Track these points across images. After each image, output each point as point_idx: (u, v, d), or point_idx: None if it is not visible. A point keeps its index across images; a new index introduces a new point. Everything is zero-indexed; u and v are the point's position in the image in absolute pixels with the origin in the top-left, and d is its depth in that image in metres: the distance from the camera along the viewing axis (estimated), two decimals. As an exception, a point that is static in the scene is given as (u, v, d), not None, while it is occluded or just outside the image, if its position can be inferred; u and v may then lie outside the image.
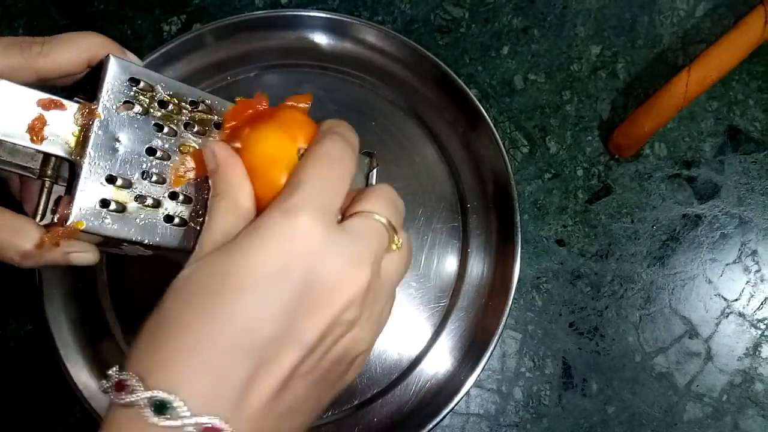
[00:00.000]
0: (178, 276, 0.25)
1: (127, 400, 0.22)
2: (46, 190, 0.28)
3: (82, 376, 0.44)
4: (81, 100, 0.29)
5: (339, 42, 0.51)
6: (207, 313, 0.23)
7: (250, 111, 0.32)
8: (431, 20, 0.54)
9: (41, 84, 0.28)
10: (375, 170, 0.42)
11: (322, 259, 0.24)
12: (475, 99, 0.48)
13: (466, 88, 0.48)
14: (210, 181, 0.29)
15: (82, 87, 0.30)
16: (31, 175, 0.28)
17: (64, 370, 0.43)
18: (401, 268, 0.29)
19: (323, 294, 0.24)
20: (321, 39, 0.51)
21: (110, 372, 0.24)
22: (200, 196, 0.31)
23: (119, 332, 0.46)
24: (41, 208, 0.28)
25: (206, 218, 0.28)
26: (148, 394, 0.22)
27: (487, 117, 0.47)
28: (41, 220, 0.28)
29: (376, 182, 0.42)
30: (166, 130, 0.30)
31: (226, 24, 0.49)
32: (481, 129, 0.48)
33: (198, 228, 0.31)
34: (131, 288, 0.46)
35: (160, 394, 0.22)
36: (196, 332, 0.23)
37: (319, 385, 0.26)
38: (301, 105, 0.33)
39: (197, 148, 0.31)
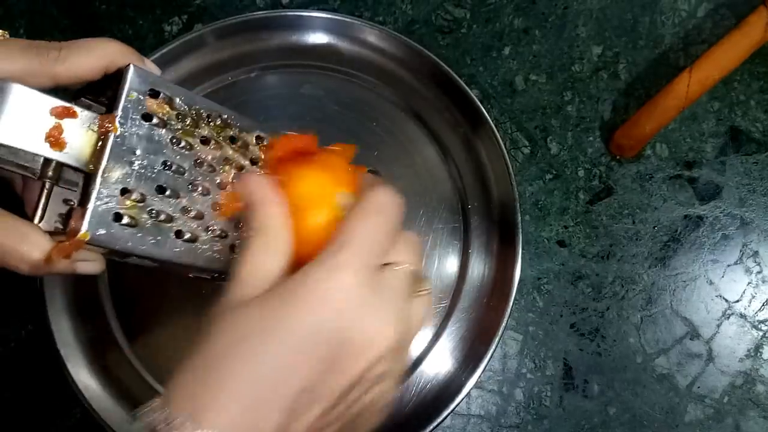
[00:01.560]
0: (221, 308, 0.26)
1: None
2: (46, 191, 0.28)
3: (82, 376, 0.44)
4: (88, 101, 0.29)
5: (340, 42, 0.51)
6: (249, 362, 0.24)
7: (295, 147, 0.32)
8: (432, 21, 0.54)
9: (56, 88, 0.28)
10: None
11: (358, 318, 0.26)
12: (476, 99, 0.48)
13: (467, 89, 0.48)
14: (248, 214, 0.29)
15: (91, 89, 0.30)
16: (31, 176, 0.28)
17: (65, 370, 0.43)
18: (423, 315, 0.30)
19: (355, 351, 0.25)
20: (322, 39, 0.51)
21: (153, 406, 0.24)
22: (211, 210, 0.31)
23: (120, 332, 0.46)
24: (40, 209, 0.28)
25: (244, 251, 0.27)
26: None
27: (488, 117, 0.47)
28: (40, 221, 0.28)
29: None
30: (183, 144, 0.30)
31: (227, 24, 0.49)
32: (482, 130, 0.48)
33: (207, 246, 0.31)
34: (132, 288, 0.46)
35: None
36: (238, 380, 0.24)
37: (346, 430, 0.27)
38: (346, 153, 0.34)
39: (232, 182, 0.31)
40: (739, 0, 0.54)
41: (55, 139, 0.26)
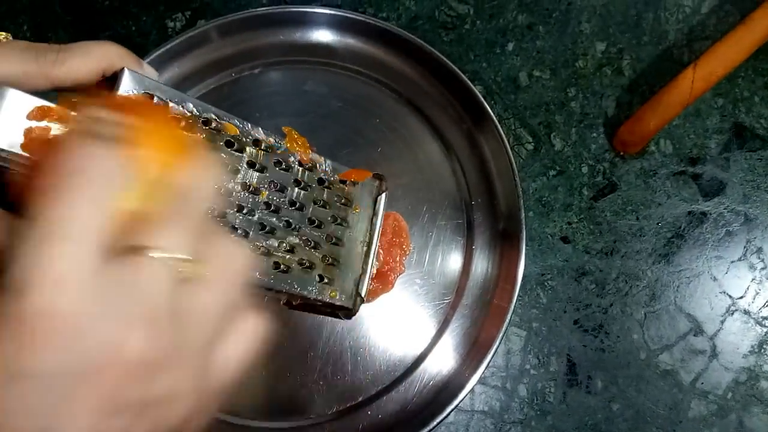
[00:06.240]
0: None
1: None
2: None
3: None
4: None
5: (343, 38, 0.51)
6: None
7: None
8: (436, 16, 0.54)
9: (53, 90, 0.28)
10: (384, 194, 0.40)
11: (72, 338, 0.18)
12: (479, 96, 0.48)
13: (471, 85, 0.48)
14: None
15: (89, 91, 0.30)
16: None
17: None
18: (216, 300, 0.22)
19: (81, 379, 0.18)
20: (325, 35, 0.51)
21: None
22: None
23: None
24: None
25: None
26: None
27: (491, 114, 0.47)
28: None
29: (384, 207, 0.40)
30: None
31: (231, 20, 0.49)
32: (486, 126, 0.48)
33: None
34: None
35: None
36: None
37: None
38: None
39: None
40: (744, -4, 0.54)
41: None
